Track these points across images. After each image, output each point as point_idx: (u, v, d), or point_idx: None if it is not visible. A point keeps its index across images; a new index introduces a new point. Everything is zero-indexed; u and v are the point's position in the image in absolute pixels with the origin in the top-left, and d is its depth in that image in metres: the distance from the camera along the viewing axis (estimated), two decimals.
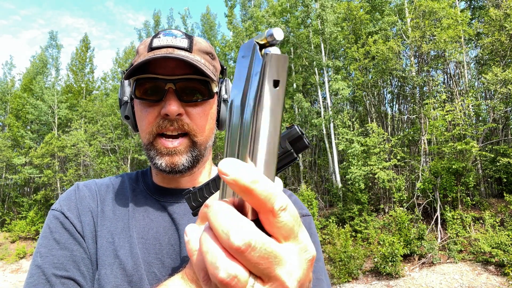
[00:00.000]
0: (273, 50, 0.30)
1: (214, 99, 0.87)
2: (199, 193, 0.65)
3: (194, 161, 0.82)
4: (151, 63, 0.78)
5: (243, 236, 0.26)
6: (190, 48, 0.80)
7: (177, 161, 0.79)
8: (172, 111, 0.76)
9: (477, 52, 17.44)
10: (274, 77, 0.30)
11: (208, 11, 29.60)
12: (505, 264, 9.92)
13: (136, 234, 0.80)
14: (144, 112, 0.80)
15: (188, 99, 0.79)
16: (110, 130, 24.57)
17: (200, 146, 0.83)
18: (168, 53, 0.76)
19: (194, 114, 0.81)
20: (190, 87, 0.80)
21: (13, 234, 22.62)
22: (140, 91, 0.80)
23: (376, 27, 17.02)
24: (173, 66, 0.78)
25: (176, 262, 0.78)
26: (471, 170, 12.30)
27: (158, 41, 0.80)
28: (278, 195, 0.28)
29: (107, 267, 0.75)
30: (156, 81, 0.78)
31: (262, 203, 0.28)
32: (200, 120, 0.82)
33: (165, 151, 0.79)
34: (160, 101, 0.78)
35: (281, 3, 19.91)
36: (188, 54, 0.78)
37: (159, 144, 0.80)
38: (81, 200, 0.83)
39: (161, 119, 0.78)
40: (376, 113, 18.64)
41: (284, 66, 0.30)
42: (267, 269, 0.28)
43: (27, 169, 24.86)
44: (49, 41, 29.82)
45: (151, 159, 0.82)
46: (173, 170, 0.80)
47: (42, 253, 0.75)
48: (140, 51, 0.83)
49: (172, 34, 0.81)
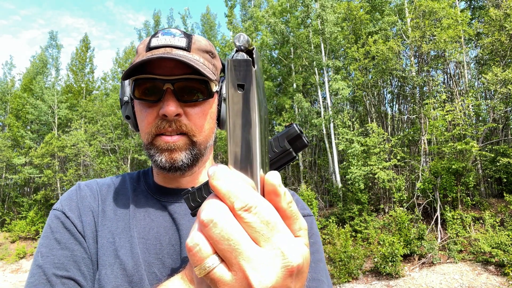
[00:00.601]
0: (237, 56, 0.31)
1: (214, 98, 0.86)
2: (197, 193, 0.65)
3: (194, 159, 0.82)
4: (149, 63, 0.77)
5: (208, 213, 0.30)
6: (189, 47, 0.80)
7: (176, 157, 0.79)
8: (170, 111, 0.75)
9: (477, 52, 17.45)
10: (236, 82, 0.31)
11: (208, 11, 29.63)
12: (505, 264, 9.91)
13: (137, 234, 0.79)
14: (144, 113, 0.80)
15: (186, 99, 0.79)
16: (110, 130, 24.57)
17: (199, 145, 0.82)
18: (166, 53, 0.76)
19: (193, 114, 0.80)
20: (188, 87, 0.79)
21: (13, 234, 22.62)
22: (139, 91, 0.79)
23: (376, 27, 17.02)
24: (171, 66, 0.77)
25: (176, 262, 0.78)
26: (471, 170, 12.30)
27: (157, 41, 0.79)
28: (240, 195, 0.30)
29: (108, 267, 0.75)
30: (154, 81, 0.77)
31: (223, 199, 0.31)
32: (199, 120, 0.81)
33: (164, 146, 0.79)
34: (159, 101, 0.78)
35: (281, 3, 19.90)
36: (186, 54, 0.78)
37: (159, 141, 0.79)
38: (82, 199, 0.83)
39: (159, 120, 0.78)
40: (376, 113, 18.64)
41: (248, 69, 0.30)
42: (228, 253, 0.29)
43: (27, 169, 24.86)
44: (49, 41, 29.83)
45: (151, 157, 0.81)
46: (173, 167, 0.80)
47: (43, 253, 0.75)
48: (139, 51, 0.83)
49: (170, 33, 0.81)
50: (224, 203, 0.31)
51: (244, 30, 23.14)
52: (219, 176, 0.31)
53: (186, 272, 0.64)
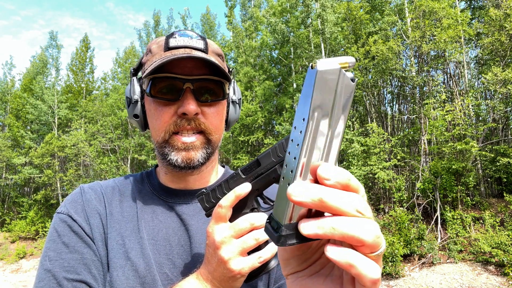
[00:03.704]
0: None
1: (226, 100, 0.88)
2: (212, 194, 0.67)
3: (207, 157, 0.84)
4: (169, 63, 0.79)
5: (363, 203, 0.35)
6: (206, 50, 0.82)
7: (193, 156, 0.80)
8: (191, 110, 0.77)
9: (477, 52, 17.45)
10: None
11: (208, 11, 29.60)
12: (505, 264, 9.92)
13: (146, 236, 0.80)
14: (159, 111, 0.81)
15: (204, 99, 0.81)
16: (110, 130, 24.56)
17: (214, 144, 0.84)
18: (187, 53, 0.78)
19: (209, 114, 0.82)
20: (206, 88, 0.81)
21: (13, 234, 22.61)
22: (156, 90, 0.80)
23: (376, 27, 17.01)
24: (191, 66, 0.79)
25: (187, 262, 0.79)
26: (471, 170, 12.30)
27: (175, 41, 0.81)
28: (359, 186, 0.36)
29: (119, 269, 0.75)
30: (174, 80, 0.79)
31: (355, 191, 0.36)
32: (215, 119, 0.83)
33: (182, 146, 0.80)
34: (177, 100, 0.79)
35: (281, 3, 19.88)
36: (205, 55, 0.79)
37: (175, 140, 0.80)
38: (88, 202, 0.83)
39: (178, 118, 0.80)
40: (376, 113, 18.64)
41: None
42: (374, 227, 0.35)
43: (27, 169, 24.84)
44: (49, 41, 29.77)
45: (165, 156, 0.82)
46: (188, 166, 0.81)
47: (51, 257, 0.75)
48: (155, 51, 0.83)
49: (187, 35, 0.83)
50: (356, 193, 0.34)
51: (244, 31, 23.15)
52: (349, 175, 0.34)
53: (201, 271, 0.65)
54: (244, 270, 0.62)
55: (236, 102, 0.93)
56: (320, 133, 0.33)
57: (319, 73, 0.31)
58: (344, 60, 0.33)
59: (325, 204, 0.32)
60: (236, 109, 0.94)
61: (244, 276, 0.63)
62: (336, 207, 0.32)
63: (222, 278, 0.63)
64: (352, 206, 0.32)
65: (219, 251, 0.61)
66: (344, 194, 0.33)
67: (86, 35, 31.78)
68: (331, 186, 0.33)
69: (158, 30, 29.62)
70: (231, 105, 0.92)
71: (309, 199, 0.32)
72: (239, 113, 0.97)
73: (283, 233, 0.35)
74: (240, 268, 0.61)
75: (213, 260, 0.63)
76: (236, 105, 0.93)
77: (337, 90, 0.32)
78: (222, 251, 0.61)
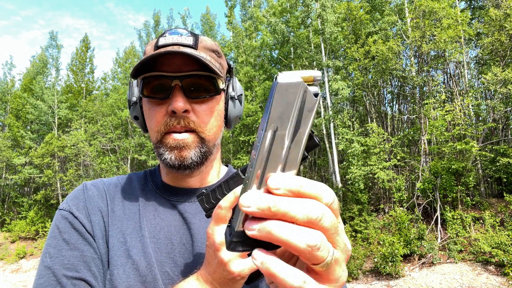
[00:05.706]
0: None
1: (221, 96, 0.86)
2: (212, 195, 0.66)
3: (203, 157, 0.82)
4: (157, 61, 0.78)
5: (317, 210, 0.35)
6: (196, 45, 0.80)
7: (186, 155, 0.79)
8: (178, 107, 0.76)
9: (477, 52, 17.45)
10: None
11: (208, 11, 29.58)
12: (505, 264, 9.92)
13: (148, 234, 0.79)
14: (152, 111, 0.80)
15: (194, 96, 0.79)
16: (110, 130, 24.57)
17: (208, 142, 0.82)
18: (175, 50, 0.76)
19: (201, 111, 0.80)
20: (196, 84, 0.79)
21: (13, 234, 22.61)
22: (148, 90, 0.79)
23: (376, 27, 17.01)
24: (179, 63, 0.78)
25: (188, 261, 0.78)
26: (471, 170, 12.30)
27: (164, 40, 0.80)
28: (324, 192, 0.36)
29: (120, 267, 0.75)
30: (163, 78, 0.77)
31: (316, 199, 0.36)
32: (207, 117, 0.81)
33: (173, 143, 0.79)
34: (167, 98, 0.78)
35: (281, 3, 19.89)
36: (193, 51, 0.78)
37: (168, 138, 0.79)
38: (90, 199, 0.83)
39: (168, 117, 0.78)
40: (376, 113, 18.64)
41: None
42: (335, 235, 0.37)
43: (27, 169, 24.84)
44: (49, 41, 29.76)
45: (160, 156, 0.81)
46: (182, 165, 0.80)
47: (51, 253, 0.74)
48: (147, 51, 0.83)
49: (177, 32, 0.81)
50: (313, 200, 0.34)
51: (244, 30, 23.15)
52: (300, 182, 0.33)
53: (201, 272, 0.65)
54: (244, 272, 0.61)
55: (236, 98, 0.91)
56: (277, 144, 0.33)
57: (278, 86, 0.31)
58: (309, 74, 0.33)
59: (274, 212, 0.31)
60: (236, 105, 0.91)
61: (245, 278, 0.63)
62: (284, 215, 0.31)
63: (222, 280, 0.62)
64: (302, 213, 0.31)
65: (219, 252, 0.61)
66: (294, 201, 0.32)
67: (86, 35, 31.80)
68: (282, 195, 0.32)
69: (158, 30, 29.63)
70: (230, 102, 0.90)
71: (257, 208, 0.31)
72: (241, 109, 0.94)
73: (234, 239, 0.35)
74: (240, 270, 0.61)
75: (213, 262, 0.62)
76: (236, 101, 0.91)
77: (296, 103, 0.32)
78: (222, 253, 0.61)
